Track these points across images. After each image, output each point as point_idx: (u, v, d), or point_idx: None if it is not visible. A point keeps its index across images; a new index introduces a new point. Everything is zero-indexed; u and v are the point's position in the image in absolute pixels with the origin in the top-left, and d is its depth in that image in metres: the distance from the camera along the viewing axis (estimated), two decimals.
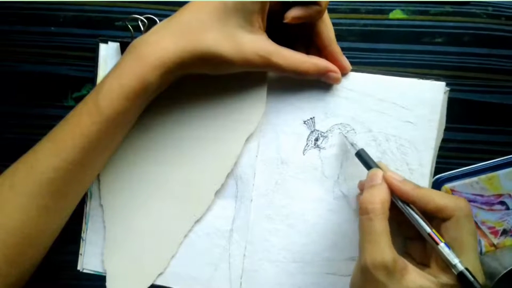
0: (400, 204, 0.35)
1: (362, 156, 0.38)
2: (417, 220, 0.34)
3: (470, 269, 0.32)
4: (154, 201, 0.41)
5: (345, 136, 0.40)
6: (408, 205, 0.35)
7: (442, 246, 0.33)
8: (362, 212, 0.34)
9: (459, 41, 0.42)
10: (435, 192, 0.35)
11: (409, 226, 0.35)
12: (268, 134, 0.41)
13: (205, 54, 0.35)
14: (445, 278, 0.33)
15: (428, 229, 0.34)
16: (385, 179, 0.35)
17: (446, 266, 0.33)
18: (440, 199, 0.34)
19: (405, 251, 0.38)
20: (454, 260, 0.32)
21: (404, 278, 0.32)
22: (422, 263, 0.36)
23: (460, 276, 0.32)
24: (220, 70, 0.37)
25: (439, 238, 0.33)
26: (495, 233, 0.42)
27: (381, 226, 0.33)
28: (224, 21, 0.35)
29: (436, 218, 0.34)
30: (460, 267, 0.32)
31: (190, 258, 0.42)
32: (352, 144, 0.39)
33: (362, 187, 0.38)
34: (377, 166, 0.37)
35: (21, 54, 0.44)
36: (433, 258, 0.34)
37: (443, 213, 0.34)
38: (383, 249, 0.32)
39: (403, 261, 0.33)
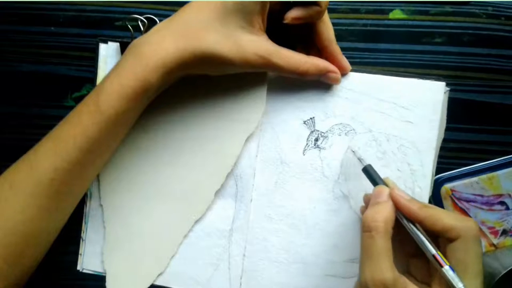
0: (405, 223, 0.34)
1: (369, 172, 0.37)
2: (422, 241, 0.34)
3: None
4: (154, 201, 0.41)
5: (353, 151, 0.39)
6: (413, 224, 0.34)
7: (446, 269, 0.32)
8: (364, 229, 0.33)
9: (459, 41, 0.42)
10: (443, 211, 0.34)
11: (411, 243, 0.35)
12: (268, 134, 0.41)
13: (206, 54, 0.35)
14: None
15: (433, 250, 0.33)
16: (392, 197, 0.34)
17: (448, 287, 0.32)
18: (448, 219, 0.33)
19: (407, 270, 0.37)
20: (458, 284, 0.31)
21: None
22: (424, 282, 0.35)
23: None
24: (220, 70, 0.37)
25: (443, 261, 0.32)
26: (495, 233, 0.42)
27: (382, 244, 0.32)
28: (224, 22, 0.35)
29: (442, 237, 0.34)
30: None
31: (190, 258, 0.42)
32: (359, 159, 0.38)
33: (367, 201, 0.37)
34: (384, 183, 0.36)
35: (21, 54, 0.44)
36: (436, 279, 0.33)
37: (451, 234, 0.33)
38: (384, 268, 0.32)
39: (404, 281, 0.32)
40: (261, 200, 0.41)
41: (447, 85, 0.40)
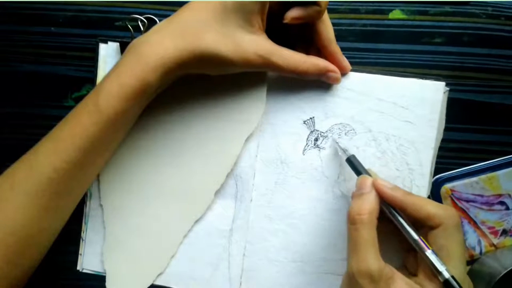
0: (389, 211, 0.35)
1: (352, 163, 0.38)
2: (405, 227, 0.34)
3: (456, 278, 0.32)
4: (154, 201, 0.41)
5: (336, 142, 0.40)
6: (397, 212, 0.35)
7: (429, 253, 0.33)
8: (349, 221, 0.34)
9: (459, 41, 0.42)
10: (425, 199, 0.35)
11: (405, 237, 0.35)
12: (268, 134, 0.41)
13: (205, 54, 0.35)
14: (431, 287, 0.33)
15: (415, 235, 0.34)
16: (375, 187, 0.35)
17: (433, 275, 0.33)
18: (430, 207, 0.34)
19: (403, 264, 0.38)
20: (441, 267, 0.32)
21: (390, 287, 0.32)
22: (413, 274, 0.36)
23: (446, 283, 0.32)
24: (220, 70, 0.38)
25: (426, 245, 0.33)
26: (495, 233, 0.42)
27: (367, 236, 0.33)
28: (223, 22, 0.35)
29: (424, 226, 0.35)
30: (446, 274, 0.32)
31: (190, 258, 0.42)
32: (343, 150, 0.39)
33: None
34: (367, 173, 0.37)
35: (21, 54, 0.44)
36: (421, 267, 0.34)
37: (433, 221, 0.34)
38: (369, 258, 0.32)
39: (390, 270, 0.33)
40: (261, 200, 0.41)
41: (447, 85, 0.40)
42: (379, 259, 0.32)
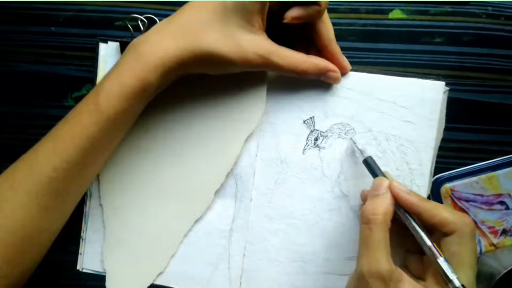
0: (403, 215, 0.35)
1: (369, 164, 0.38)
2: (419, 232, 0.34)
3: (466, 286, 0.32)
4: (154, 201, 0.41)
5: (354, 142, 0.40)
6: (411, 216, 0.35)
7: (441, 261, 0.33)
8: (363, 221, 0.34)
9: (459, 41, 0.42)
10: (440, 205, 0.35)
11: (409, 238, 0.35)
12: (268, 133, 0.41)
13: (205, 54, 0.35)
14: None
15: (429, 242, 0.34)
16: (391, 189, 0.35)
17: (442, 281, 0.33)
18: (446, 213, 0.34)
19: (404, 264, 0.38)
20: (452, 275, 0.32)
21: None
22: (418, 277, 0.36)
23: None
24: (220, 70, 0.38)
25: (439, 252, 0.33)
26: (494, 232, 0.42)
27: (380, 236, 0.33)
28: (224, 21, 0.35)
29: (437, 232, 0.34)
30: (457, 283, 0.32)
31: (190, 258, 0.42)
32: (361, 151, 0.39)
33: (365, 197, 0.38)
34: (384, 175, 0.36)
35: (21, 54, 0.44)
36: (430, 272, 0.34)
37: (447, 228, 0.33)
38: (380, 259, 0.32)
39: (399, 273, 0.32)
40: (261, 199, 0.41)
41: (447, 84, 0.40)
42: (390, 261, 0.32)
